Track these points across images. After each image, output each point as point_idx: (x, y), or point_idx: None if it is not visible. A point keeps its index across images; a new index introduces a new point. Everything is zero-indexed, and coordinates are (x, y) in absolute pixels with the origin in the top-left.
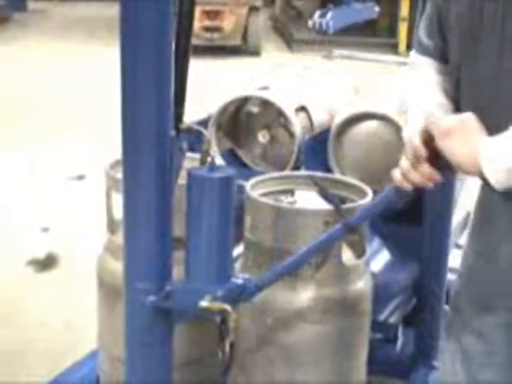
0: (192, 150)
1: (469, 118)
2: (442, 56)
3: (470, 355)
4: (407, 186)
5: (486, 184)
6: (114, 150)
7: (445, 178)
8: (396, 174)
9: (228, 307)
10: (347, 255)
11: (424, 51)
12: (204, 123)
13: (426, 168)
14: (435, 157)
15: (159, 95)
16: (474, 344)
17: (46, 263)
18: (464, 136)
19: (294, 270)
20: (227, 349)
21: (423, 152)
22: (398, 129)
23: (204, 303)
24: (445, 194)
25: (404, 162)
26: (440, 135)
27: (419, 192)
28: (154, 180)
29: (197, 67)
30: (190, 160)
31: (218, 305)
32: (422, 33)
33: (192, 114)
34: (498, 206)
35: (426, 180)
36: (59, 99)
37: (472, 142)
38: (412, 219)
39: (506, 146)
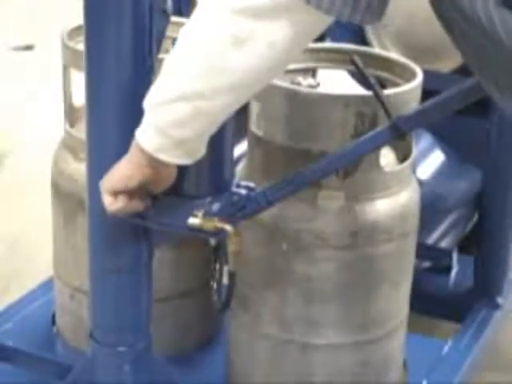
0: (180, 13)
1: None
2: None
3: None
4: None
5: None
6: (73, 14)
7: None
8: None
9: (227, 226)
10: (386, 158)
11: None
12: None
13: None
14: None
15: None
16: None
17: None
18: None
19: (317, 179)
20: (224, 280)
21: None
22: None
23: (195, 220)
24: None
25: None
26: None
27: None
28: (129, 52)
29: None
30: (178, 26)
31: (213, 222)
32: None
33: None
34: None
35: None
36: None
37: None
38: (475, 107)
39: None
